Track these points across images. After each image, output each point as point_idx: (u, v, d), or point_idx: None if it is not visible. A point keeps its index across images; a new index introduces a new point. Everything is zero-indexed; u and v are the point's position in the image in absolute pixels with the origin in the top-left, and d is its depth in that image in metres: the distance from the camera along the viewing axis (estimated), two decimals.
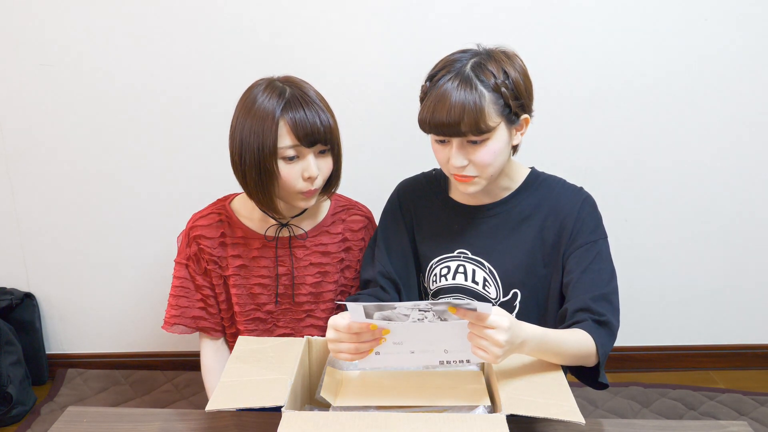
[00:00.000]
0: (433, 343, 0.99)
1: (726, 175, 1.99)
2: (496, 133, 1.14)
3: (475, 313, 0.93)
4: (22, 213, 2.01)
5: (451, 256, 1.29)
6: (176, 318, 1.37)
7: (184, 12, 1.80)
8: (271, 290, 1.36)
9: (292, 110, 1.19)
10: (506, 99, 1.12)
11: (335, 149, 1.27)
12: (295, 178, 1.22)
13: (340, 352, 1.01)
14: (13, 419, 1.94)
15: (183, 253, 1.37)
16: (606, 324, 1.13)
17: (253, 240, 1.35)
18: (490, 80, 1.11)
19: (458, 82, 1.11)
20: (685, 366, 2.19)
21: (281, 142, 1.19)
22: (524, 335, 0.98)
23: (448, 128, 1.11)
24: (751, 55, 1.87)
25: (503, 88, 1.12)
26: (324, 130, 1.21)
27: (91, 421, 1.06)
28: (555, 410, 0.94)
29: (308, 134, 1.20)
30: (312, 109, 1.20)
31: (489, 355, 0.94)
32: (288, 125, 1.19)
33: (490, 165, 1.16)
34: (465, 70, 1.12)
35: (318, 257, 1.37)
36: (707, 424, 1.07)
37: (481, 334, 0.93)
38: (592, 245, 1.20)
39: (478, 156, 1.14)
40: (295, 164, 1.22)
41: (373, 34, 1.83)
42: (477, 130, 1.11)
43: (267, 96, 1.21)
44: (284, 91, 1.21)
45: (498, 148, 1.15)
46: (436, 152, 1.20)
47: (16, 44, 1.83)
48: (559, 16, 1.81)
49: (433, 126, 1.13)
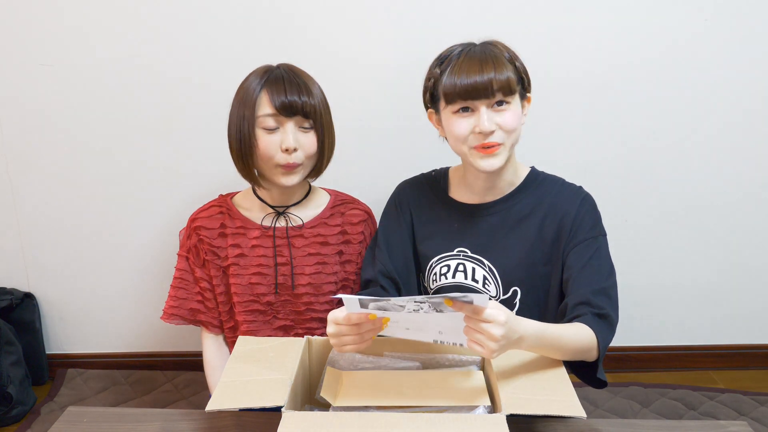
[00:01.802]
0: (429, 323, 0.98)
1: (726, 175, 1.99)
2: (516, 99, 1.19)
3: (472, 307, 0.92)
4: (22, 213, 2.01)
5: (451, 255, 1.30)
6: (174, 309, 1.40)
7: (184, 12, 1.80)
8: (269, 280, 1.37)
9: (275, 83, 1.26)
10: (520, 72, 1.19)
11: (320, 129, 1.29)
12: (274, 149, 1.26)
13: (344, 345, 1.01)
14: (13, 419, 1.94)
15: (184, 245, 1.41)
16: (606, 317, 1.14)
17: (251, 230, 1.37)
18: (504, 53, 1.19)
19: (479, 52, 1.17)
20: (685, 366, 2.19)
21: (260, 111, 1.25)
22: (522, 330, 0.98)
23: (480, 89, 1.14)
24: (752, 55, 1.87)
25: (516, 62, 1.19)
26: (303, 104, 1.25)
27: (91, 421, 1.06)
28: (555, 406, 0.94)
29: (286, 105, 1.24)
30: (294, 83, 1.26)
31: (485, 350, 0.93)
32: (267, 95, 1.25)
33: (515, 130, 1.19)
34: (477, 48, 1.19)
35: (317, 247, 1.38)
36: (707, 424, 1.07)
37: (477, 328, 0.93)
38: (592, 241, 1.22)
39: (504, 119, 1.17)
40: (275, 135, 1.26)
41: (373, 33, 1.83)
42: (508, 89, 1.16)
43: (257, 74, 1.29)
44: (273, 69, 1.29)
45: (519, 114, 1.20)
46: (456, 126, 1.19)
47: (16, 44, 1.83)
48: (559, 15, 1.81)
49: (463, 90, 1.15)
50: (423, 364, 1.13)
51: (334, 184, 1.49)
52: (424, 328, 0.99)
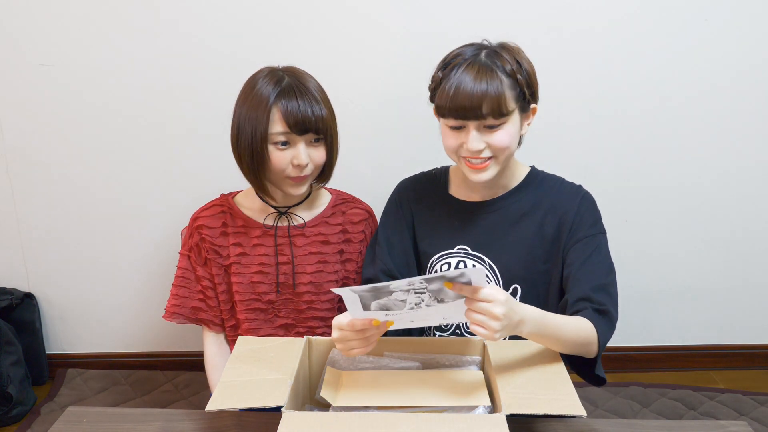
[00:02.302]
0: (431, 315, 0.99)
1: (726, 175, 1.99)
2: (512, 117, 1.17)
3: (471, 288, 0.92)
4: (22, 213, 2.01)
5: (452, 252, 1.30)
6: (176, 308, 1.40)
7: (184, 11, 1.80)
8: (271, 279, 1.38)
9: (286, 98, 1.23)
10: (521, 86, 1.16)
11: (329, 140, 1.30)
12: (285, 164, 1.26)
13: (350, 350, 1.01)
14: (13, 419, 1.94)
15: (186, 244, 1.41)
16: (606, 313, 1.14)
17: (253, 229, 1.38)
18: (506, 66, 1.15)
19: (478, 67, 1.14)
20: (685, 366, 2.19)
21: (272, 129, 1.24)
22: (522, 313, 0.98)
23: (469, 112, 1.13)
24: (753, 56, 1.87)
25: (519, 75, 1.15)
26: (315, 120, 1.24)
27: (91, 421, 1.06)
28: (556, 405, 0.94)
29: (299, 122, 1.23)
30: (306, 98, 1.24)
31: (487, 330, 0.93)
32: (280, 112, 1.23)
33: (507, 148, 1.18)
34: (481, 57, 1.16)
35: (318, 246, 1.39)
36: (707, 424, 1.07)
37: (478, 309, 0.93)
38: (592, 239, 1.22)
39: (495, 138, 1.16)
40: (286, 151, 1.26)
41: (374, 31, 1.83)
42: (498, 113, 1.13)
43: (265, 82, 1.26)
44: (282, 79, 1.26)
45: (513, 132, 1.18)
46: (447, 138, 1.21)
47: (16, 44, 1.83)
48: (560, 16, 1.81)
49: (452, 110, 1.15)
50: (423, 364, 1.13)
51: (335, 182, 1.48)
52: (427, 318, 1.00)
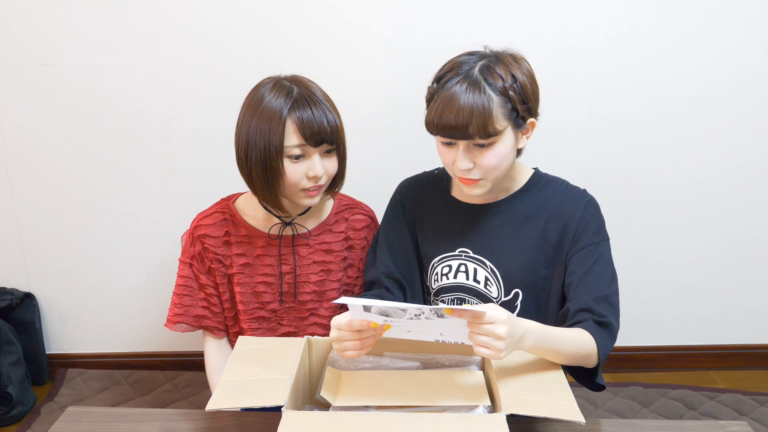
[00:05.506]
0: (429, 328, 0.99)
1: (726, 176, 1.99)
2: (503, 136, 1.14)
3: (472, 312, 0.93)
4: (22, 213, 2.01)
5: (453, 255, 1.29)
6: (179, 316, 1.37)
7: (185, 11, 1.80)
8: (275, 288, 1.36)
9: (300, 109, 1.20)
10: (514, 103, 1.12)
11: (340, 149, 1.28)
12: (300, 177, 1.23)
13: (345, 350, 1.02)
14: (13, 419, 1.94)
15: (187, 252, 1.37)
16: (607, 325, 1.13)
17: (256, 238, 1.35)
18: (498, 83, 1.11)
19: (467, 84, 1.10)
20: (685, 366, 2.19)
21: (288, 141, 1.21)
22: (523, 328, 0.98)
23: (455, 131, 1.11)
24: (753, 56, 1.87)
25: (511, 91, 1.11)
26: (330, 130, 1.22)
27: (91, 421, 1.06)
28: (555, 409, 0.94)
29: (315, 134, 1.21)
30: (319, 108, 1.22)
31: (492, 351, 0.94)
32: (295, 124, 1.20)
33: (495, 168, 1.16)
34: (473, 73, 1.12)
35: (321, 255, 1.37)
36: (707, 424, 1.07)
37: (481, 331, 0.93)
38: (595, 247, 1.20)
39: (484, 159, 1.14)
40: (301, 163, 1.23)
41: (375, 33, 1.83)
42: (485, 133, 1.11)
43: (274, 95, 1.22)
44: (291, 90, 1.22)
45: (504, 151, 1.15)
46: (441, 154, 1.20)
47: (16, 44, 1.83)
48: (560, 16, 1.81)
49: (440, 128, 1.13)
50: (423, 364, 1.13)
51: None
52: (425, 331, 1.00)
